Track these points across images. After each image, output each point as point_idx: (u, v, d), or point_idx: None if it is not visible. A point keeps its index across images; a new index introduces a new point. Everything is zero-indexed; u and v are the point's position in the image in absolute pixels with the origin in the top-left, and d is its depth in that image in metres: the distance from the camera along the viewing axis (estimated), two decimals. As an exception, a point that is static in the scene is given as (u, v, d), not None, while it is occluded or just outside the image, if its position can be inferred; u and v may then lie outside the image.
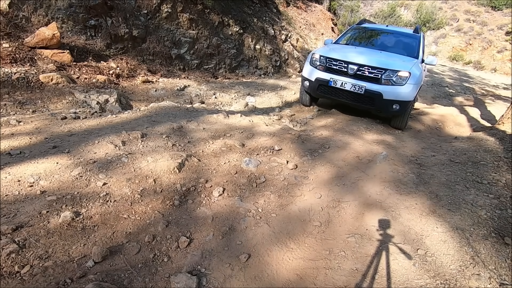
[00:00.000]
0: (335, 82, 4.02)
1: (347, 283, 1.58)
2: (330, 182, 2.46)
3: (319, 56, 4.29)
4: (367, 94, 3.83)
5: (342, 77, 4.00)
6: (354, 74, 3.93)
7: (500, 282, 1.62)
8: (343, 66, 4.02)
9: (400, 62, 4.04)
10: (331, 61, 4.15)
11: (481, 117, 5.78)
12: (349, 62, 4.00)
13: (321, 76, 4.18)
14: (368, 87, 3.82)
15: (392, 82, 3.78)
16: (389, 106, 3.83)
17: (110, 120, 3.00)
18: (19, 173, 1.94)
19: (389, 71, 3.79)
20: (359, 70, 3.91)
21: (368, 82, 3.84)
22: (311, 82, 4.32)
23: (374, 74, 3.85)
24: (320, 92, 4.32)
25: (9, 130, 2.55)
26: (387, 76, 3.80)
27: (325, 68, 4.19)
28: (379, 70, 3.83)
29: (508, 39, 13.46)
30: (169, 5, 6.46)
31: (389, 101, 3.81)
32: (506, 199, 2.26)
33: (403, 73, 3.77)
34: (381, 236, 1.90)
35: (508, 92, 9.02)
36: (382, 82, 3.81)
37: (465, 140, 3.58)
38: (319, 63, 4.27)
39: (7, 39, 4.29)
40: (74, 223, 1.63)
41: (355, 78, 3.92)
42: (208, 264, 1.58)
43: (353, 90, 3.90)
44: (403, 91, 3.78)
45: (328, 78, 4.09)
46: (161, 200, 1.96)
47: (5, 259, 1.35)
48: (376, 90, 3.79)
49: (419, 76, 3.93)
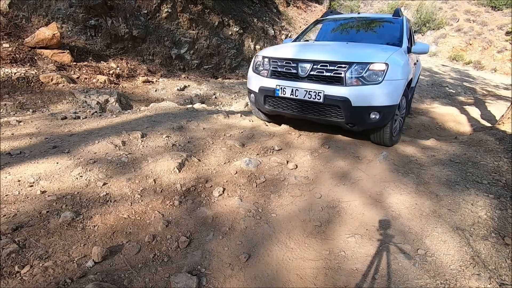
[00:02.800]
0: (283, 90, 2.90)
1: (347, 283, 1.58)
2: (330, 182, 2.46)
3: (262, 58, 3.17)
4: (329, 102, 2.71)
5: (292, 82, 2.88)
6: (307, 75, 2.82)
7: (500, 282, 1.62)
8: (292, 66, 2.92)
9: (371, 51, 3.00)
10: (276, 62, 3.04)
11: (481, 117, 5.78)
12: (299, 60, 2.89)
13: (266, 84, 3.04)
14: (328, 91, 2.69)
15: (363, 80, 2.66)
16: (364, 117, 2.72)
17: (110, 120, 3.00)
18: (19, 173, 1.94)
19: (356, 65, 2.68)
20: (313, 69, 2.80)
21: (328, 85, 2.73)
22: (255, 94, 3.19)
23: (335, 72, 2.71)
24: (269, 106, 3.14)
25: (9, 130, 2.55)
26: (354, 73, 2.68)
27: (270, 73, 3.06)
28: (341, 65, 2.71)
29: (508, 39, 13.46)
30: (169, 5, 6.47)
31: (362, 109, 2.68)
32: (506, 199, 2.26)
33: (378, 65, 2.66)
34: (381, 236, 1.90)
35: (508, 92, 9.02)
36: (347, 83, 2.67)
37: (465, 140, 3.58)
38: (262, 68, 3.16)
39: (7, 39, 4.29)
40: (74, 223, 1.63)
41: (310, 81, 2.81)
42: (208, 264, 1.58)
43: (309, 99, 2.77)
44: (381, 91, 2.64)
45: (274, 86, 2.96)
46: (161, 200, 1.96)
47: (5, 259, 1.35)
48: (340, 95, 2.66)
49: (402, 68, 2.85)
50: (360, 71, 2.69)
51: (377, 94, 2.66)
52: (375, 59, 2.71)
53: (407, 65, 3.08)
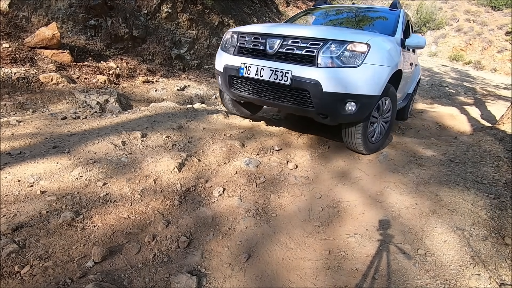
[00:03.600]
0: (248, 69, 2.53)
1: (347, 283, 1.57)
2: (330, 182, 2.46)
3: (231, 34, 2.84)
4: (297, 85, 2.32)
5: (259, 60, 2.51)
6: (275, 52, 2.45)
7: (500, 282, 1.62)
8: (260, 42, 2.55)
9: (353, 32, 2.73)
10: (244, 38, 2.69)
11: (481, 117, 5.78)
12: (268, 34, 2.54)
13: (230, 62, 2.71)
14: (296, 72, 2.31)
15: (338, 61, 2.27)
16: (338, 106, 2.33)
17: (110, 120, 3.00)
18: (19, 173, 1.94)
19: (332, 43, 2.29)
20: (283, 45, 2.42)
21: (298, 65, 2.35)
22: (221, 75, 2.86)
23: (307, 50, 2.33)
24: (235, 89, 2.80)
25: (9, 130, 2.55)
26: (329, 52, 2.28)
27: (237, 50, 2.72)
28: (315, 42, 2.32)
29: (508, 39, 13.46)
30: (169, 5, 6.47)
31: (335, 96, 2.28)
32: (506, 199, 2.26)
33: (358, 45, 2.29)
34: (381, 236, 1.90)
35: (508, 92, 9.02)
36: (320, 63, 2.28)
37: (465, 140, 3.58)
38: (230, 44, 2.82)
39: (7, 39, 4.29)
40: (74, 223, 1.63)
41: (278, 60, 2.44)
42: (208, 264, 1.58)
43: (274, 80, 2.39)
44: (358, 76, 2.27)
45: (239, 64, 2.61)
46: (161, 200, 1.96)
47: (5, 259, 1.35)
48: (309, 78, 2.27)
49: (388, 53, 2.50)
50: (336, 51, 2.29)
51: (353, 79, 2.28)
52: (355, 38, 2.35)
53: (395, 53, 2.71)
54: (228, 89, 2.88)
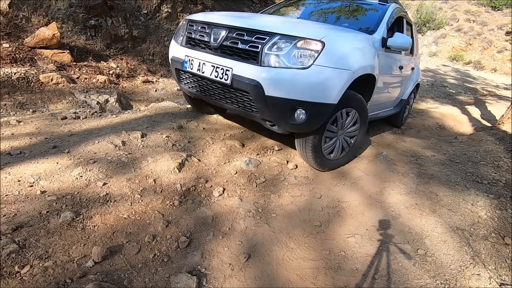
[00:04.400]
0: (191, 62, 2.29)
1: (347, 283, 1.58)
2: (330, 182, 2.46)
3: (185, 22, 2.54)
4: (237, 85, 2.04)
5: (202, 54, 2.24)
6: (219, 45, 2.16)
7: (500, 282, 1.62)
8: (206, 32, 2.27)
9: (308, 26, 2.34)
10: (192, 26, 2.42)
11: (481, 117, 5.79)
12: (213, 24, 2.24)
13: (176, 54, 2.47)
14: (237, 70, 2.02)
15: (285, 60, 1.93)
16: (284, 113, 2.03)
17: (110, 120, 3.00)
18: (19, 173, 1.94)
19: (279, 38, 1.97)
20: (228, 37, 2.13)
21: (240, 61, 2.04)
22: (171, 67, 2.63)
23: (251, 45, 2.02)
24: (184, 84, 2.57)
25: (9, 130, 2.55)
26: (275, 48, 1.96)
27: (185, 40, 2.46)
28: (261, 35, 2.01)
29: (508, 39, 13.46)
30: (169, 5, 6.47)
31: (279, 102, 1.97)
32: (506, 199, 2.26)
33: (309, 43, 1.95)
34: (381, 236, 1.90)
35: (508, 92, 9.02)
36: (263, 61, 1.96)
37: (465, 140, 3.58)
38: (180, 33, 2.55)
39: (7, 39, 4.29)
40: (74, 223, 1.63)
41: (221, 54, 2.16)
42: (208, 264, 1.58)
43: (215, 78, 2.13)
44: (307, 80, 1.92)
45: (183, 57, 2.38)
46: (161, 200, 1.96)
47: (5, 259, 1.35)
48: (249, 78, 1.97)
49: (350, 54, 2.13)
50: (284, 48, 1.94)
51: (300, 83, 1.92)
52: (307, 33, 1.99)
53: (365, 54, 2.30)
54: (179, 84, 2.65)
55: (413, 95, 4.61)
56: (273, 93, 1.95)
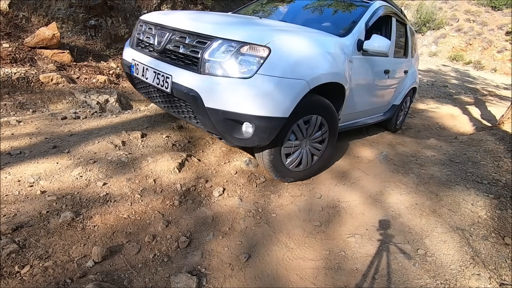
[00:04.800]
0: (137, 67, 2.15)
1: (347, 283, 1.58)
2: (330, 182, 2.46)
3: (137, 22, 2.38)
4: (177, 95, 1.87)
5: (147, 57, 2.09)
6: (162, 49, 1.99)
7: (500, 282, 1.62)
8: (153, 34, 2.11)
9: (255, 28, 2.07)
10: (142, 26, 2.27)
11: (481, 117, 5.79)
12: (158, 25, 2.09)
13: (126, 57, 2.34)
14: (177, 78, 1.84)
15: (227, 68, 1.73)
16: (228, 127, 1.82)
17: (110, 120, 3.00)
18: (19, 173, 1.94)
19: (221, 43, 1.76)
20: (171, 40, 1.96)
21: (180, 68, 1.86)
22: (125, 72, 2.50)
23: (193, 50, 1.83)
24: (138, 88, 2.43)
25: (9, 130, 2.55)
26: (216, 54, 1.76)
27: (135, 42, 2.30)
28: (203, 39, 1.82)
29: (508, 39, 13.46)
30: (169, 5, 6.47)
31: (220, 115, 1.76)
32: (506, 199, 2.26)
33: (253, 48, 1.74)
34: (381, 236, 1.90)
35: (508, 92, 9.02)
36: (204, 68, 1.77)
37: (465, 140, 3.58)
38: (133, 34, 2.36)
39: (7, 39, 4.29)
40: (74, 223, 1.63)
41: (164, 59, 1.99)
42: (208, 264, 1.58)
43: (157, 85, 1.97)
44: (249, 91, 1.71)
45: (130, 61, 2.24)
46: (161, 200, 1.96)
47: (5, 259, 1.35)
48: (188, 87, 1.78)
49: (303, 61, 1.90)
50: (225, 54, 1.74)
51: (242, 94, 1.71)
52: (251, 37, 1.76)
53: (323, 60, 2.04)
54: (135, 89, 2.48)
55: (408, 100, 4.32)
56: (213, 105, 1.74)
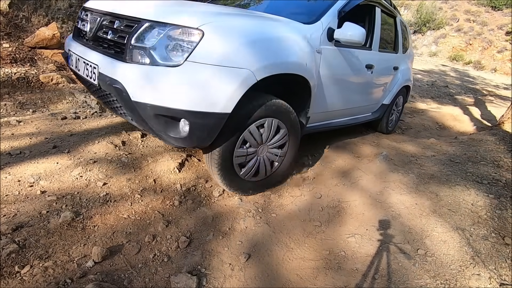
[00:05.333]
0: (72, 58, 1.96)
1: (347, 283, 1.58)
2: (330, 182, 2.46)
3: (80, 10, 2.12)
4: (104, 87, 1.65)
5: (80, 46, 1.88)
6: (92, 36, 1.81)
7: (500, 282, 1.62)
8: (86, 20, 1.91)
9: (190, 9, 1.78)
10: (81, 13, 2.04)
11: (481, 117, 5.79)
12: (92, 10, 1.89)
13: (66, 48, 2.12)
14: (103, 68, 1.63)
15: (155, 55, 1.51)
16: (160, 124, 1.59)
17: (110, 120, 3.00)
18: (19, 173, 1.94)
19: (149, 25, 1.55)
20: (101, 26, 1.77)
21: (107, 56, 1.66)
22: None
23: (119, 36, 1.64)
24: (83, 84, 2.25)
25: (9, 130, 2.55)
26: (143, 39, 1.55)
27: (75, 31, 2.09)
28: (129, 24, 1.61)
29: (508, 39, 13.46)
30: None
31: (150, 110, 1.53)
32: (506, 199, 2.26)
33: (185, 32, 1.51)
34: (381, 236, 1.90)
35: (508, 92, 9.02)
36: (129, 56, 1.55)
37: (465, 140, 3.58)
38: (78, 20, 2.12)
39: (7, 39, 4.29)
40: (74, 223, 1.63)
41: (94, 47, 1.79)
42: (208, 264, 1.58)
43: (86, 77, 1.78)
44: (180, 80, 1.49)
45: (67, 51, 2.05)
46: (161, 200, 1.96)
47: (5, 259, 1.35)
48: (112, 78, 1.56)
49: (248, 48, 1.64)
50: (153, 39, 1.52)
51: (171, 86, 1.49)
52: (182, 19, 1.53)
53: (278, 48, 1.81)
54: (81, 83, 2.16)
55: (401, 99, 4.07)
56: (141, 99, 1.51)
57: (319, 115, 2.53)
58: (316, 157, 2.87)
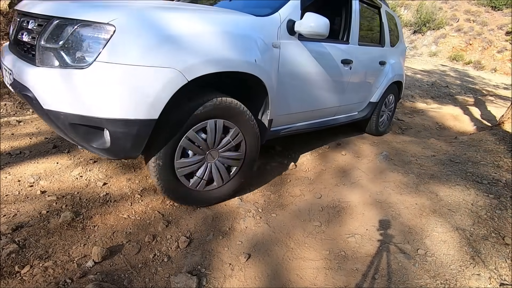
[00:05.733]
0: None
1: (347, 283, 1.57)
2: (330, 182, 2.46)
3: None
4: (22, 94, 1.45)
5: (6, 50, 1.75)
6: (14, 39, 1.69)
7: (500, 282, 1.62)
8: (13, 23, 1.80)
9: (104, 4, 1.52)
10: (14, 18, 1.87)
11: (481, 117, 5.78)
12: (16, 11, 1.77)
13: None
14: (16, 73, 1.51)
15: (64, 56, 1.34)
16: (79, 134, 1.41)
17: (110, 120, 3.00)
18: (19, 173, 1.94)
19: (59, 24, 1.37)
20: (21, 27, 1.63)
21: (20, 60, 1.53)
22: None
23: (32, 36, 1.51)
24: None
25: (9, 130, 2.55)
26: (51, 39, 1.38)
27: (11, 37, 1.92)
28: (40, 23, 1.47)
29: (508, 39, 13.46)
30: None
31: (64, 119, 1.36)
32: (506, 199, 2.26)
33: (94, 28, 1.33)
34: (381, 236, 1.90)
35: (508, 92, 9.02)
36: (39, 58, 1.39)
37: (465, 140, 3.58)
38: None
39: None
40: (74, 223, 1.63)
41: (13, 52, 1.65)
42: (208, 264, 1.58)
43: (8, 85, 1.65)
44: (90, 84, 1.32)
45: None
46: (161, 200, 1.96)
47: (5, 259, 1.35)
48: (22, 84, 1.44)
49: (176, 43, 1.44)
50: (60, 37, 1.36)
51: (82, 89, 1.33)
52: (91, 14, 1.36)
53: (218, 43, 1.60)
54: None
55: (392, 97, 3.76)
56: (53, 107, 1.36)
57: (284, 117, 2.26)
58: (312, 157, 2.87)
